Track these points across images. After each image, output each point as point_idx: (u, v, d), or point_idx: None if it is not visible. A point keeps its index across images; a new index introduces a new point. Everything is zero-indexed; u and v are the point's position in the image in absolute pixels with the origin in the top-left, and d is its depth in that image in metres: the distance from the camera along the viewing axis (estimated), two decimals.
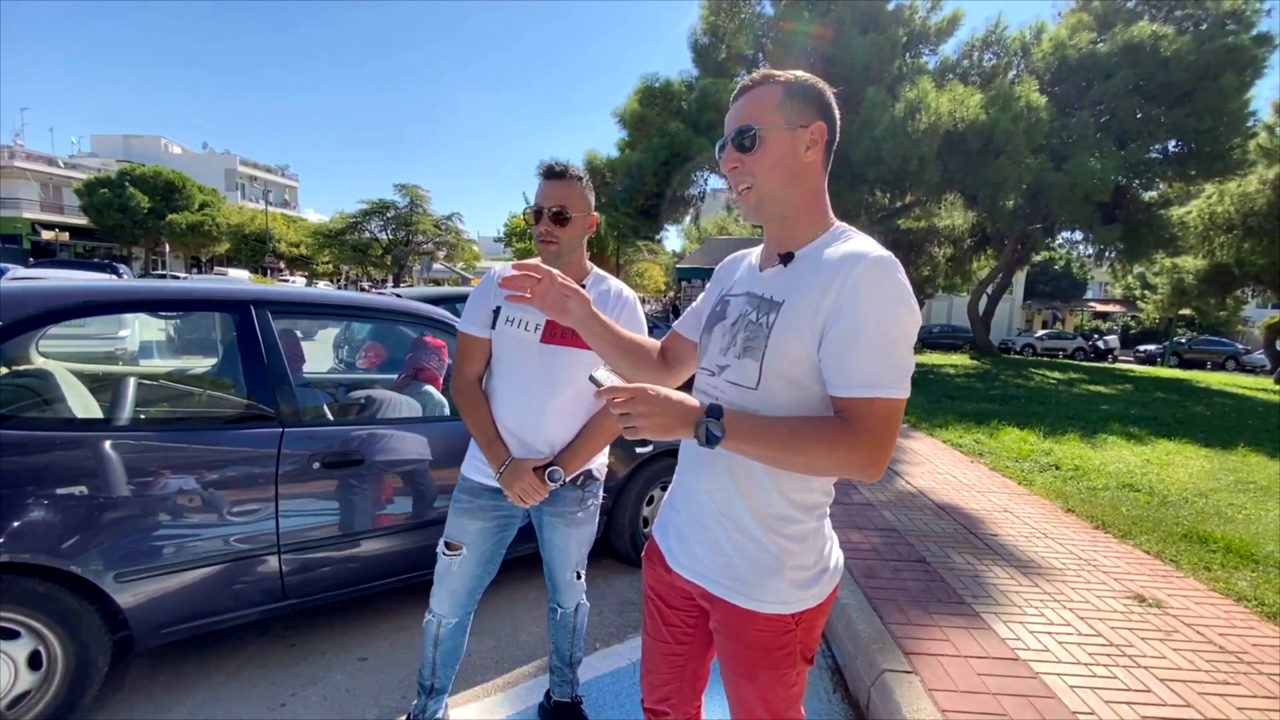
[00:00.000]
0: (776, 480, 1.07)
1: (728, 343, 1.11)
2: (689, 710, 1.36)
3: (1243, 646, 2.51)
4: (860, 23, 13.88)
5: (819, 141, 1.05)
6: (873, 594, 2.78)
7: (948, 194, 15.63)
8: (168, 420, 2.45)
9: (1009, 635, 2.48)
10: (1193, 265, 20.26)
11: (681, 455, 1.25)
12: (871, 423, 0.93)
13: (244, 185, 49.65)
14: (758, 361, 1.04)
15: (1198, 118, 13.64)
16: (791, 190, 1.06)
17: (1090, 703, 2.07)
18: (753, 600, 1.09)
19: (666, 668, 1.33)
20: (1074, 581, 3.02)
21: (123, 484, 1.92)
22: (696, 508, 1.16)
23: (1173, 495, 4.60)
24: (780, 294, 1.05)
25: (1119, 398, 11.08)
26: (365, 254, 35.73)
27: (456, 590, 1.79)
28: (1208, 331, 32.76)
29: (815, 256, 1.04)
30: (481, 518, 1.76)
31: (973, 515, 3.97)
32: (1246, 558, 3.41)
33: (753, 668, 1.13)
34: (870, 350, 0.94)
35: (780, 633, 1.10)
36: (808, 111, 1.04)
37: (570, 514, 1.81)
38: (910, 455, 5.64)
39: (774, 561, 1.08)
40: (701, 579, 1.15)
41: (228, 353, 2.39)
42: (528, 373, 1.70)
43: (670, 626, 1.29)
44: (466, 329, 1.77)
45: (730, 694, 1.19)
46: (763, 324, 1.05)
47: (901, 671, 2.20)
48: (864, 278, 0.95)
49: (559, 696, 2.03)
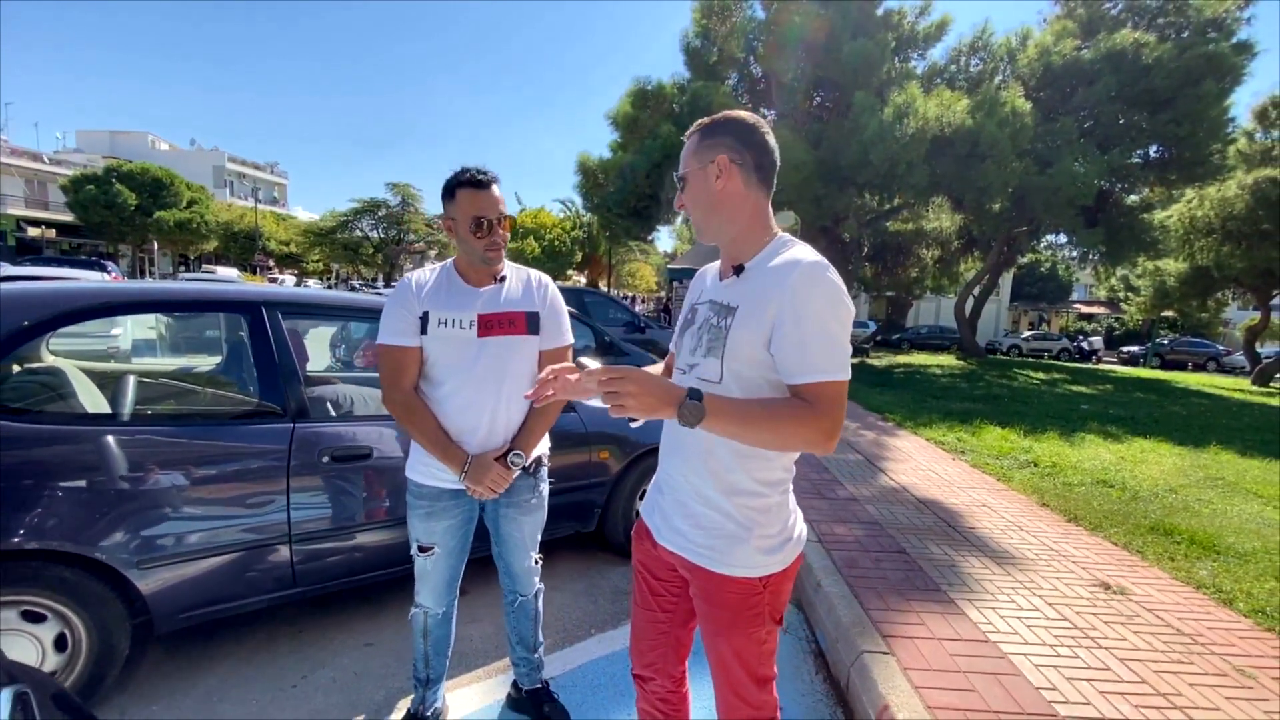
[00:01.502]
0: (741, 461, 1.22)
1: (695, 344, 1.29)
2: (674, 674, 1.51)
3: (1198, 630, 2.67)
4: (850, 27, 14.07)
5: (726, 171, 1.21)
6: (854, 582, 2.92)
7: (935, 197, 15.85)
8: (186, 416, 2.55)
9: (981, 620, 2.63)
10: (1174, 268, 20.61)
11: (663, 443, 1.40)
12: (826, 403, 1.10)
13: (232, 182, 49.26)
14: (719, 359, 1.21)
15: (1178, 124, 13.94)
16: (713, 216, 1.25)
17: (1053, 679, 2.23)
18: (725, 566, 1.24)
19: (653, 635, 1.48)
20: (1044, 570, 3.19)
21: (144, 476, 2.03)
22: (676, 488, 1.32)
23: (1144, 491, 4.79)
24: (735, 300, 1.22)
25: (1099, 398, 11.34)
26: (356, 253, 35.64)
27: (438, 584, 1.88)
28: (1190, 333, 33.29)
29: (761, 266, 1.21)
30: (445, 517, 1.82)
31: (952, 509, 4.13)
32: (1209, 549, 3.59)
33: (727, 627, 1.28)
34: (815, 344, 1.10)
35: (750, 595, 1.25)
36: (713, 149, 1.22)
37: (525, 502, 1.89)
38: (894, 453, 5.80)
39: (742, 531, 1.24)
40: (682, 550, 1.30)
41: (239, 351, 2.49)
42: (472, 368, 1.75)
43: (656, 596, 1.44)
44: (395, 340, 1.73)
45: (710, 654, 1.34)
46: (722, 327, 1.22)
47: (879, 653, 2.34)
48: (799, 283, 1.12)
49: (529, 685, 2.10)
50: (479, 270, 1.78)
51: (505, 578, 2.00)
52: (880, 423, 7.42)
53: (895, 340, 29.22)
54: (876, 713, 2.06)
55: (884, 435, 6.67)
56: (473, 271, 1.78)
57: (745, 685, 1.32)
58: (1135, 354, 30.25)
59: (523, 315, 1.79)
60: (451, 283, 1.77)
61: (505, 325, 1.76)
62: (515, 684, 2.16)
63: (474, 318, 1.74)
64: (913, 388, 11.15)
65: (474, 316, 1.74)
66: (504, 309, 1.77)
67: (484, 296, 1.77)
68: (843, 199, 13.58)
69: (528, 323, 1.80)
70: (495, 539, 1.95)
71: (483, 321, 1.74)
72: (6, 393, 2.04)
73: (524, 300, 1.82)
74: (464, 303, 1.74)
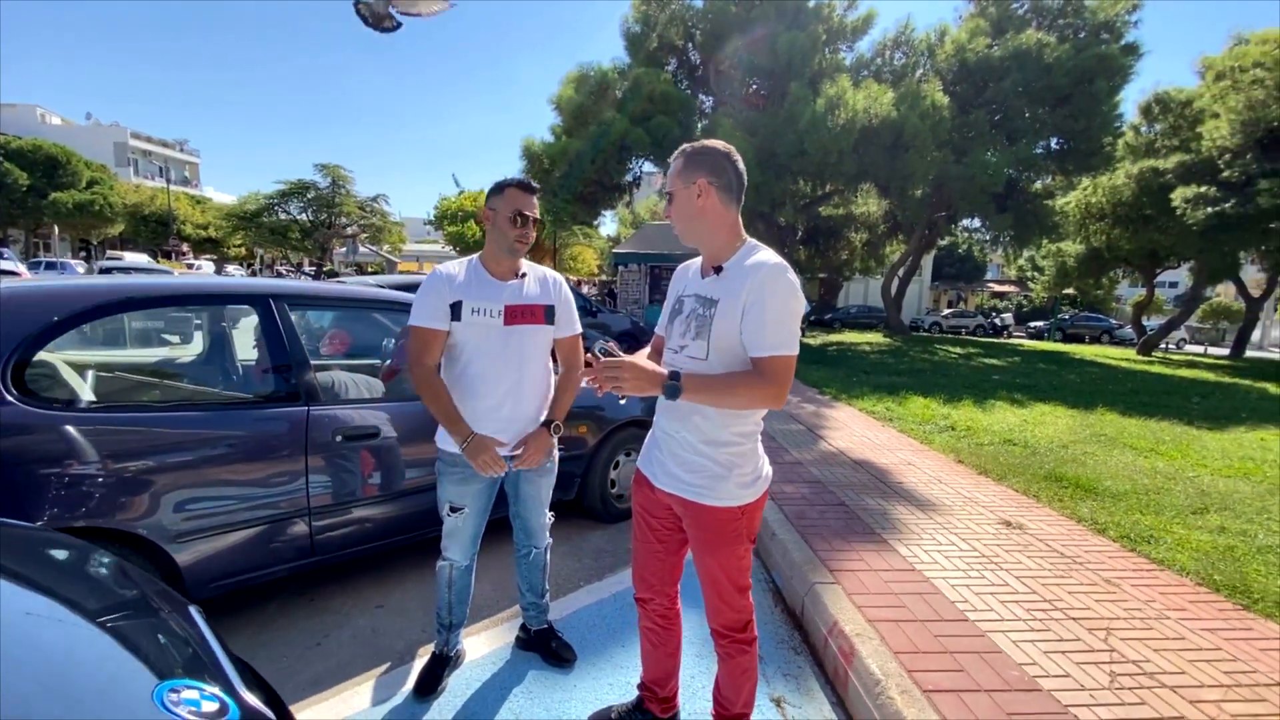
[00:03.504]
0: (722, 418, 1.60)
1: (684, 329, 1.65)
2: (669, 594, 1.90)
3: (1078, 553, 3.28)
4: (782, 18, 14.62)
5: (705, 191, 1.57)
6: (804, 530, 3.39)
7: (863, 184, 16.79)
8: (216, 403, 2.71)
9: (908, 554, 3.14)
10: (1073, 250, 22.57)
11: (658, 408, 1.76)
12: (776, 372, 1.48)
13: (137, 161, 45.58)
14: (706, 341, 1.57)
15: (1075, 118, 15.32)
16: (694, 226, 1.61)
17: (965, 595, 2.74)
18: (711, 498, 1.62)
19: (653, 564, 1.85)
20: (959, 514, 3.76)
21: (177, 459, 2.21)
22: (671, 442, 1.69)
23: (1041, 447, 5.53)
24: (716, 294, 1.58)
25: (1008, 369, 12.51)
26: (284, 237, 33.78)
27: (465, 540, 2.17)
28: (1088, 309, 36.26)
29: (737, 266, 1.58)
30: (474, 481, 2.09)
31: (882, 468, 4.70)
32: (1089, 491, 4.28)
33: (714, 547, 1.67)
34: (773, 327, 1.48)
35: (731, 520, 1.64)
36: (695, 173, 1.58)
37: (542, 465, 2.19)
38: (832, 422, 6.39)
39: (724, 472, 1.61)
40: (677, 490, 1.67)
41: (256, 341, 2.66)
42: (499, 352, 2.02)
43: (654, 531, 1.81)
44: (427, 323, 1.97)
45: (701, 571, 1.72)
46: (707, 315, 1.58)
47: (827, 583, 2.80)
48: (766, 280, 1.49)
49: (536, 625, 2.43)
50: (503, 264, 2.06)
51: (521, 534, 2.31)
52: (818, 396, 8.04)
53: (828, 320, 30.60)
54: (828, 628, 2.51)
55: (822, 407, 7.28)
56: (497, 266, 2.06)
57: (730, 593, 1.70)
58: (1040, 329, 32.85)
59: (542, 308, 2.10)
60: (480, 277, 2.05)
61: (528, 316, 2.05)
62: (524, 627, 2.48)
63: (501, 308, 2.02)
64: (845, 364, 11.95)
65: (501, 307, 2.02)
66: (526, 301, 2.07)
67: (509, 289, 2.05)
68: (780, 186, 14.21)
69: (545, 314, 2.11)
70: (515, 498, 2.25)
71: (509, 312, 2.03)
72: (44, 384, 2.17)
73: (542, 295, 2.12)
74: (493, 294, 2.03)
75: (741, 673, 1.76)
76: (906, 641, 2.35)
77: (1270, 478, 4.86)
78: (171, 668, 0.90)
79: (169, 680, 0.85)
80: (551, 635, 2.44)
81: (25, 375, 2.03)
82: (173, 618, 1.11)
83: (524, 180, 2.03)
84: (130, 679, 0.86)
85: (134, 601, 1.15)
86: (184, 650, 0.97)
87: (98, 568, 1.27)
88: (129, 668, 0.90)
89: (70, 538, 1.47)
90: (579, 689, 2.25)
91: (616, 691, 2.22)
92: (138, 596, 1.18)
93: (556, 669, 2.36)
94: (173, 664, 0.92)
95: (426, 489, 2.87)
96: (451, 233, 29.64)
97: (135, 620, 1.05)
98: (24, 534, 1.37)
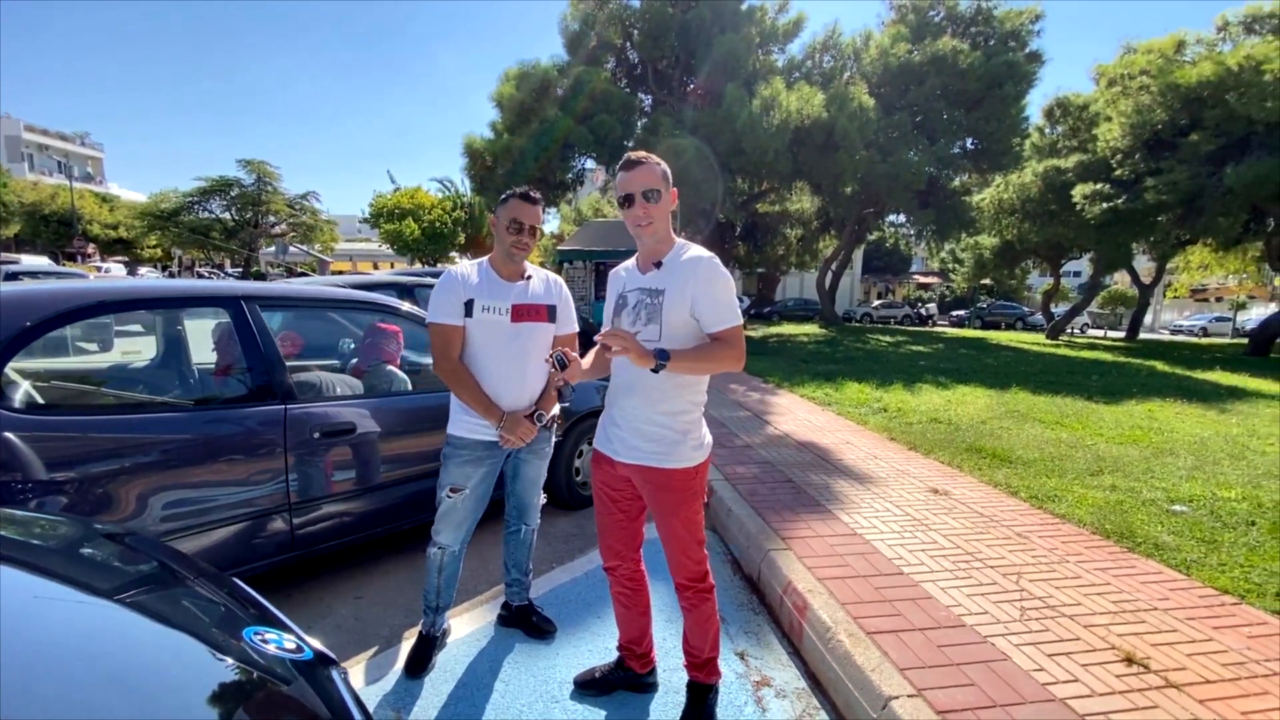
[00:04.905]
0: (677, 391, 1.86)
1: (635, 318, 1.90)
2: (634, 559, 2.13)
3: (994, 513, 3.71)
4: (719, 20, 15.05)
5: (674, 196, 1.88)
6: (757, 505, 3.67)
7: (797, 182, 17.48)
8: (204, 401, 2.73)
9: (850, 521, 3.48)
10: (988, 243, 24.24)
11: (612, 388, 2.00)
12: (736, 338, 1.80)
13: (32, 155, 41.83)
14: (658, 325, 1.83)
15: (986, 121, 16.47)
16: (663, 225, 1.89)
17: (899, 552, 3.09)
18: (672, 462, 1.87)
19: (617, 533, 2.07)
20: (892, 484, 4.15)
21: (163, 458, 2.25)
22: (629, 416, 1.91)
23: (963, 424, 6.07)
24: (661, 285, 1.85)
25: (933, 355, 13.39)
26: (207, 237, 31.70)
27: (460, 523, 2.32)
28: (1003, 298, 38.81)
29: (674, 261, 1.86)
30: (480, 465, 2.28)
31: (824, 447, 5.08)
32: (1004, 460, 4.78)
33: (675, 506, 1.91)
34: (723, 306, 1.78)
35: (689, 480, 1.90)
36: (668, 179, 1.87)
37: (541, 449, 2.42)
38: (776, 408, 6.77)
39: (681, 437, 1.87)
40: (639, 459, 1.90)
41: (229, 342, 2.70)
42: (506, 346, 2.23)
43: (616, 503, 2.03)
44: (445, 320, 2.18)
45: (663, 531, 1.96)
46: (656, 304, 1.84)
47: (780, 550, 3.09)
48: (705, 271, 1.80)
49: (519, 601, 2.61)
50: (508, 266, 2.24)
51: (515, 512, 2.49)
52: (762, 385, 8.45)
53: (767, 313, 31.59)
54: (782, 588, 2.79)
55: (766, 395, 7.67)
56: (504, 268, 2.24)
57: (691, 546, 1.95)
58: (962, 317, 34.94)
59: (545, 307, 2.29)
60: (491, 278, 2.23)
61: (533, 314, 2.24)
62: (506, 604, 2.64)
63: (509, 306, 2.20)
64: (785, 354, 12.51)
65: (509, 305, 2.20)
66: (531, 301, 2.26)
67: (516, 290, 2.24)
68: (719, 184, 14.65)
69: (549, 313, 2.30)
70: (514, 479, 2.43)
71: (515, 310, 2.21)
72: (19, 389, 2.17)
73: (546, 295, 2.31)
74: (502, 294, 2.21)
75: (705, 620, 2.00)
76: (851, 594, 2.65)
77: (1155, 443, 5.53)
78: (252, 619, 1.04)
79: (254, 626, 0.99)
80: (532, 611, 2.61)
81: (3, 380, 2.04)
82: (230, 584, 1.25)
83: (525, 192, 2.22)
84: (229, 624, 1.00)
85: (205, 571, 1.28)
86: (250, 609, 1.11)
87: (153, 552, 1.37)
88: (226, 616, 1.04)
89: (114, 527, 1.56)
90: (562, 656, 2.44)
91: (596, 656, 2.42)
92: (204, 568, 1.32)
93: (539, 641, 2.53)
94: (251, 616, 1.06)
95: (403, 482, 2.98)
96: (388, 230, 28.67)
97: (211, 584, 1.19)
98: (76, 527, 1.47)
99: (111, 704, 0.75)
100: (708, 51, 14.73)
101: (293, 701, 0.87)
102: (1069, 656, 2.25)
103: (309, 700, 0.88)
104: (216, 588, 1.17)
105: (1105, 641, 2.36)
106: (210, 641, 0.94)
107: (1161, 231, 16.58)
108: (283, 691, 0.88)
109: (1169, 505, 3.85)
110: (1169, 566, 3.04)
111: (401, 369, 3.33)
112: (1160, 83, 14.88)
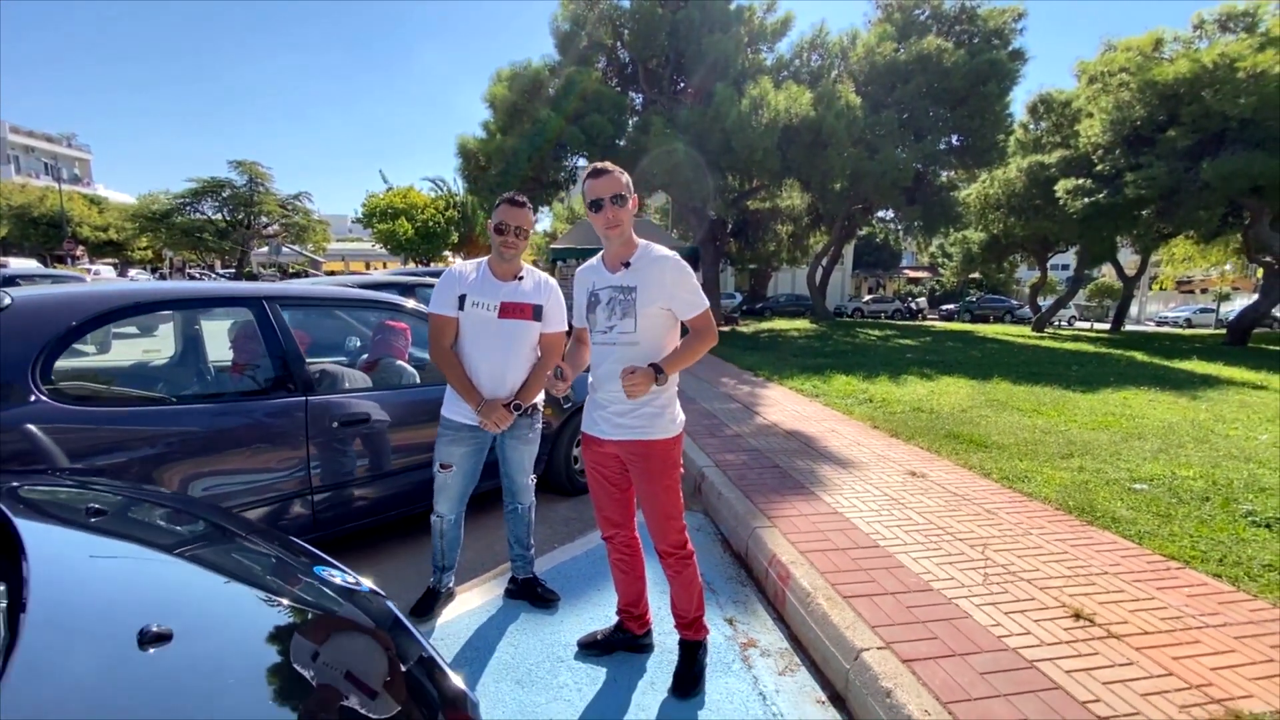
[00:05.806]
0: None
1: (609, 314, 2.12)
2: (629, 526, 2.36)
3: (968, 494, 3.95)
4: (708, 20, 15.26)
5: (636, 201, 2.11)
6: (745, 489, 3.91)
7: (787, 179, 17.73)
8: (232, 394, 2.93)
9: (832, 501, 3.72)
10: (976, 237, 24.58)
11: (595, 377, 2.21)
12: (709, 322, 2.04)
13: (18, 158, 41.50)
14: (633, 318, 2.06)
15: (972, 118, 16.75)
16: (629, 227, 2.11)
17: (877, 528, 3.33)
18: (655, 433, 2.11)
19: (611, 504, 2.30)
20: (873, 468, 4.39)
21: (202, 446, 2.46)
22: (613, 399, 2.12)
23: (944, 412, 6.33)
24: (632, 282, 2.07)
25: (920, 348, 13.69)
26: (199, 238, 31.65)
27: (452, 496, 2.57)
28: (992, 291, 39.28)
29: (642, 260, 2.09)
30: (463, 445, 2.52)
31: (810, 435, 5.32)
32: (981, 446, 5.03)
33: (658, 474, 2.14)
34: (692, 295, 2.03)
35: (669, 449, 2.13)
36: (630, 186, 2.08)
37: (523, 435, 2.63)
38: (765, 400, 7.02)
39: (661, 411, 2.11)
40: (626, 434, 2.12)
41: (253, 339, 2.90)
42: (491, 340, 2.45)
43: (606, 478, 2.26)
44: (441, 311, 2.43)
45: (645, 501, 2.18)
46: (630, 300, 2.06)
47: (766, 527, 3.32)
48: (671, 268, 2.05)
49: (522, 575, 2.83)
50: (501, 266, 2.45)
51: (508, 492, 2.71)
52: (752, 378, 8.70)
53: (759, 309, 31.89)
54: (767, 560, 3.03)
55: (756, 388, 7.91)
56: (498, 268, 2.46)
57: (672, 513, 2.17)
58: (951, 311, 35.39)
59: (531, 306, 2.50)
60: (485, 276, 2.45)
61: (518, 312, 2.46)
62: (513, 579, 2.87)
63: (497, 303, 2.42)
64: (776, 349, 12.77)
65: (497, 302, 2.42)
66: (518, 299, 2.47)
67: (506, 288, 2.45)
68: (709, 182, 14.87)
69: (534, 312, 2.51)
70: (502, 461, 2.65)
71: (503, 307, 2.43)
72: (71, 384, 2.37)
73: (534, 295, 2.52)
74: (492, 291, 2.42)
75: (689, 583, 2.23)
76: (831, 565, 2.89)
77: (1125, 429, 5.81)
78: (316, 559, 1.26)
79: (320, 565, 1.21)
80: (536, 583, 2.84)
81: (52, 375, 2.24)
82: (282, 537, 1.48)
83: (511, 196, 2.44)
84: (302, 561, 1.23)
85: (263, 530, 1.50)
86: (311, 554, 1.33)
87: (224, 518, 1.60)
88: (299, 555, 1.26)
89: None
90: (565, 623, 2.66)
91: (597, 622, 2.64)
92: (264, 528, 1.55)
93: (544, 610, 2.76)
94: (315, 557, 1.28)
95: (413, 469, 3.19)
96: (382, 230, 28.73)
97: (274, 541, 1.41)
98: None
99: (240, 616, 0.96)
100: (698, 51, 14.95)
101: (362, 618, 1.10)
102: (1024, 614, 2.50)
103: (376, 615, 1.10)
104: (281, 539, 1.40)
105: (1058, 601, 2.61)
106: (292, 571, 1.16)
107: (1143, 225, 16.92)
108: (361, 606, 1.11)
109: (1131, 484, 4.12)
110: (1123, 537, 3.29)
111: (410, 364, 3.54)
112: (1139, 80, 15.20)
